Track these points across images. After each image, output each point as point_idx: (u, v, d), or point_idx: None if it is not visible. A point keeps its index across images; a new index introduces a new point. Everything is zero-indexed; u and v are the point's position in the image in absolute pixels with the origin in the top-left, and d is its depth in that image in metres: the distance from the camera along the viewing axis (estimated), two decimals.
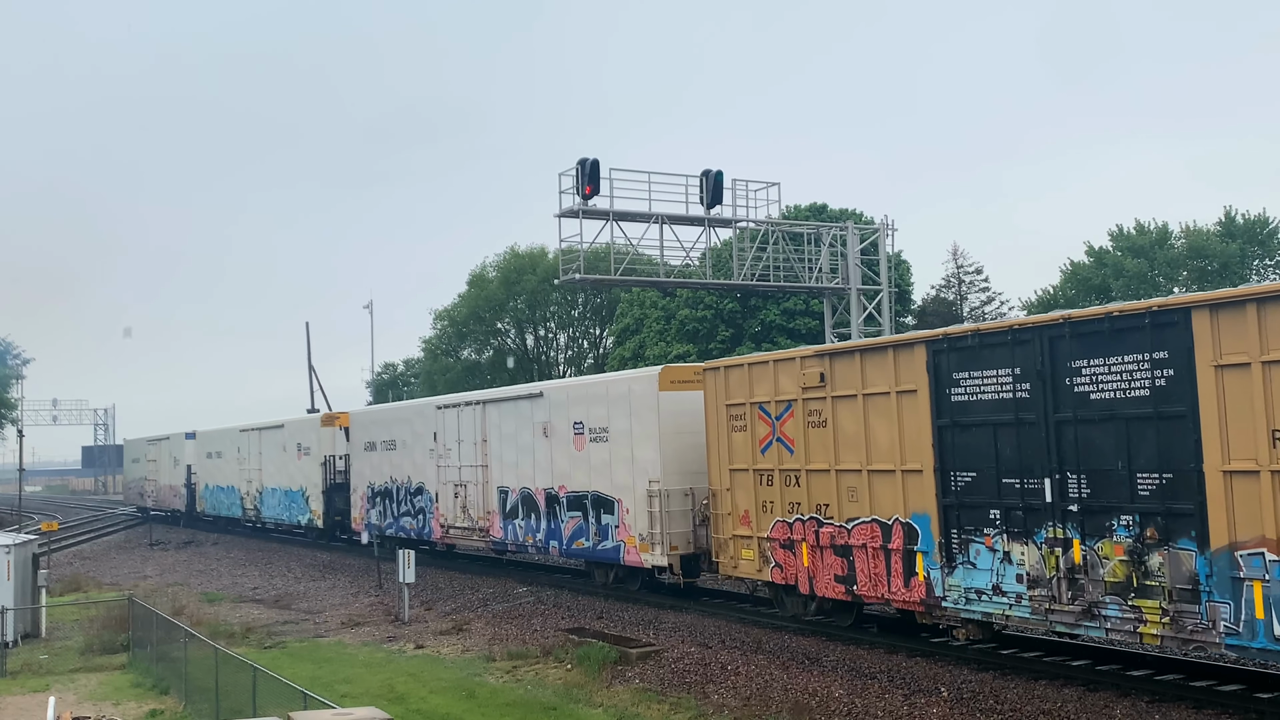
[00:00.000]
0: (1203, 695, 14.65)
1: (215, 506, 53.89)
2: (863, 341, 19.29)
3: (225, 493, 52.41)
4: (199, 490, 56.42)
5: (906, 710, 15.30)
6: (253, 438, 49.10)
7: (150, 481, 66.19)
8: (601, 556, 25.42)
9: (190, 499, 57.85)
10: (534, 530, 27.72)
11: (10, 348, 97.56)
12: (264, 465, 47.48)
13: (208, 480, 55.11)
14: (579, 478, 25.90)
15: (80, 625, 26.37)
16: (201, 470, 56.25)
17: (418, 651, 22.27)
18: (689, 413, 22.87)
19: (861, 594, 18.45)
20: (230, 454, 51.67)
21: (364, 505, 37.49)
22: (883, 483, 17.99)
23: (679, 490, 23.10)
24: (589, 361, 67.56)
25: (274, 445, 46.31)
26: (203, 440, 56.63)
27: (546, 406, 27.34)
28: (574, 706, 17.17)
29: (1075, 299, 49.96)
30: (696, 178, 30.72)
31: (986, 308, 58.84)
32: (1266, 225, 51.26)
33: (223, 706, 15.77)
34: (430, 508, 32.93)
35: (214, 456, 54.21)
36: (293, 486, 44.09)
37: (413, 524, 34.15)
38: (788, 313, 47.46)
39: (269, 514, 47.02)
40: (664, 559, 23.13)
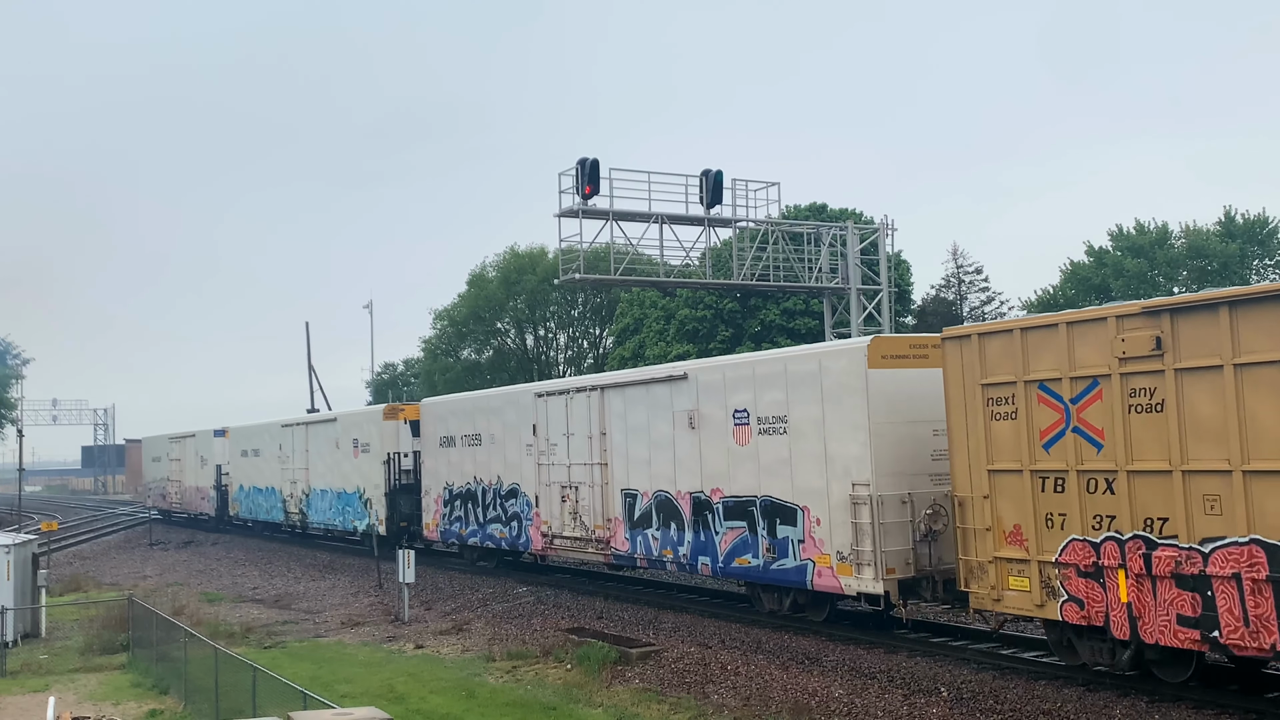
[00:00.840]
0: (1202, 695, 14.64)
1: (252, 510, 49.02)
2: (1230, 291, 13.86)
3: (264, 495, 47.45)
4: (232, 492, 51.50)
5: (906, 710, 15.30)
6: (297, 434, 44.04)
7: (173, 483, 61.11)
8: (777, 578, 20.46)
9: (221, 502, 52.88)
10: (674, 543, 22.83)
11: (10, 348, 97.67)
12: (312, 464, 42.37)
13: (242, 481, 50.13)
14: (742, 479, 21.13)
15: (80, 625, 26.37)
16: (235, 470, 51.18)
17: (418, 651, 22.26)
18: (907, 396, 18.47)
19: (1231, 643, 13.44)
20: (269, 452, 46.81)
21: (439, 510, 32.90)
22: (1269, 488, 13.16)
23: (894, 496, 18.23)
24: (589, 361, 67.52)
25: (324, 442, 41.30)
26: (236, 437, 51.49)
27: (692, 391, 22.56)
28: (574, 706, 17.17)
29: (1075, 299, 49.94)
30: (696, 177, 30.71)
31: (986, 308, 58.84)
32: (1266, 225, 51.22)
33: (223, 706, 15.77)
34: (527, 513, 28.28)
35: (250, 455, 49.30)
36: (347, 488, 39.05)
37: (504, 532, 29.51)
38: (788, 313, 47.43)
39: (318, 519, 42.05)
40: (877, 584, 18.19)
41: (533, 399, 28.25)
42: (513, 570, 31.31)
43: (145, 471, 70.95)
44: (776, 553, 20.33)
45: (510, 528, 29.21)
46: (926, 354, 18.52)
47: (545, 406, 27.64)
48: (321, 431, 41.96)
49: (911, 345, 19.04)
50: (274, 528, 48.40)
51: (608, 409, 25.24)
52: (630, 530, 24.41)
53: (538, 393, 28.22)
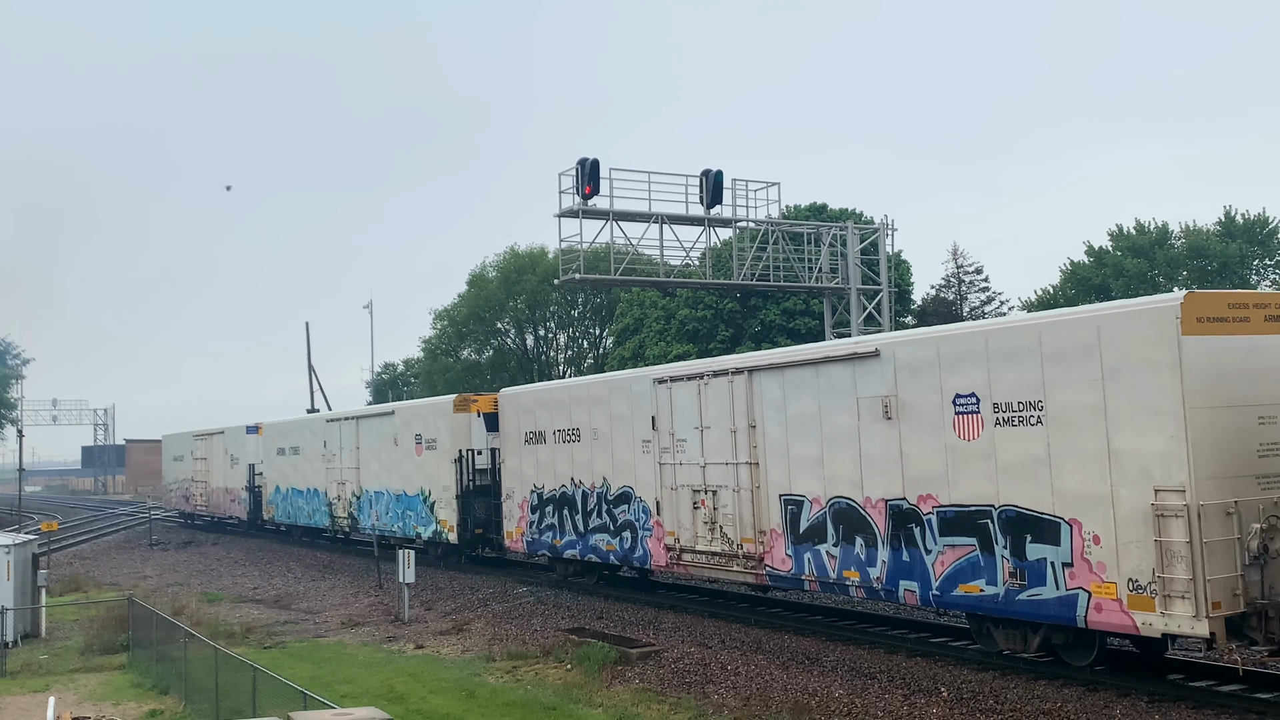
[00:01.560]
0: (1203, 695, 14.65)
1: (290, 514, 44.76)
2: None
3: (305, 498, 42.91)
4: (266, 494, 47.25)
5: (906, 710, 15.30)
6: (346, 429, 39.53)
7: (198, 483, 57.02)
8: (1027, 612, 15.99)
9: (254, 505, 48.81)
10: (861, 562, 18.63)
11: (10, 348, 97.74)
12: (364, 463, 37.96)
13: (279, 482, 45.79)
14: (970, 484, 16.72)
15: (80, 625, 26.37)
16: (271, 470, 46.80)
17: (418, 651, 22.26)
18: (1227, 372, 14.37)
19: None
20: (312, 449, 42.27)
21: (524, 516, 28.61)
22: None
23: (1217, 506, 13.93)
24: (589, 361, 67.57)
25: (379, 438, 36.74)
26: (272, 434, 47.00)
27: (887, 371, 18.22)
28: (574, 706, 17.17)
29: (1075, 299, 49.95)
30: (696, 177, 30.73)
31: (986, 308, 58.85)
32: (1266, 225, 51.23)
33: (223, 706, 15.77)
34: (644, 522, 24.07)
35: (288, 453, 44.79)
36: (408, 489, 34.54)
37: (611, 544, 25.17)
38: (788, 312, 47.46)
39: (371, 524, 37.07)
40: (1197, 623, 13.78)
41: (650, 386, 23.75)
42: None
43: (165, 471, 66.02)
44: (1026, 579, 15.90)
45: (621, 539, 24.82)
46: (1248, 317, 14.68)
47: (669, 395, 23.20)
48: (375, 426, 37.36)
49: (1231, 305, 14.75)
50: (315, 533, 44.16)
51: (759, 395, 20.88)
52: (793, 545, 19.96)
53: (658, 378, 23.65)
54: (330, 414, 42.22)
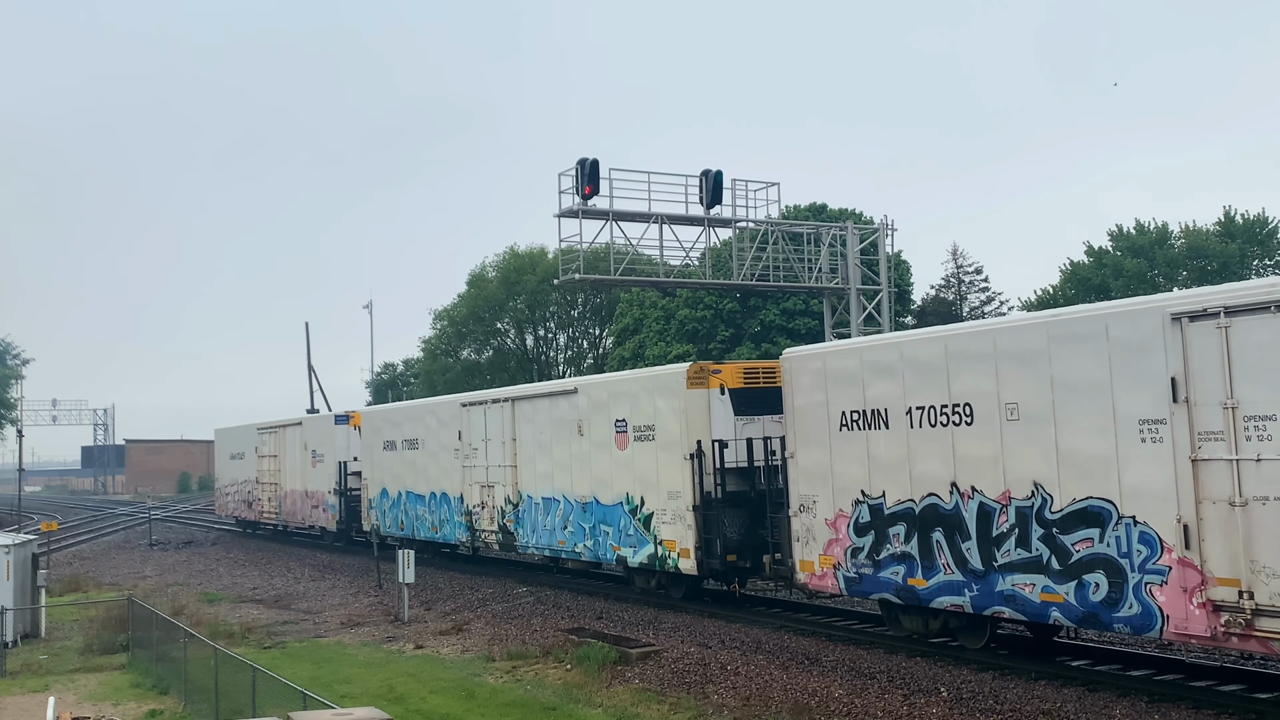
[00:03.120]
0: (1203, 695, 14.64)
1: (405, 524, 35.47)
2: None
3: (427, 504, 34.12)
4: (367, 499, 38.28)
5: (906, 710, 15.30)
6: (495, 416, 30.10)
7: (264, 485, 48.37)
8: None
9: (346, 512, 40.46)
10: None
11: (10, 348, 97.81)
12: (525, 460, 28.71)
13: (387, 483, 36.79)
14: None
15: (80, 625, 26.37)
16: (375, 469, 37.80)
17: (417, 651, 22.26)
18: None
19: None
20: (438, 442, 33.33)
21: (841, 539, 19.23)
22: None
23: None
24: (589, 361, 67.59)
25: (552, 425, 27.49)
26: (375, 423, 38.32)
27: None
28: (574, 707, 17.16)
29: (1075, 299, 49.95)
30: (696, 178, 30.73)
31: (986, 308, 58.87)
32: (1266, 225, 51.24)
33: (222, 706, 15.77)
34: (1148, 558, 14.42)
35: (400, 447, 36.03)
36: (603, 496, 25.51)
37: (1056, 591, 15.60)
38: (787, 313, 47.47)
39: (538, 540, 27.99)
40: None
41: (1163, 324, 14.12)
42: (512, 569, 29.20)
43: (219, 472, 57.53)
44: None
45: (1080, 585, 15.25)
46: None
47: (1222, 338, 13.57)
48: (545, 411, 27.91)
49: None
50: (442, 550, 35.21)
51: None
52: None
53: (1179, 313, 14.00)
54: (470, 396, 32.92)
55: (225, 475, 56.07)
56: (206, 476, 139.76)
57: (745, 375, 23.40)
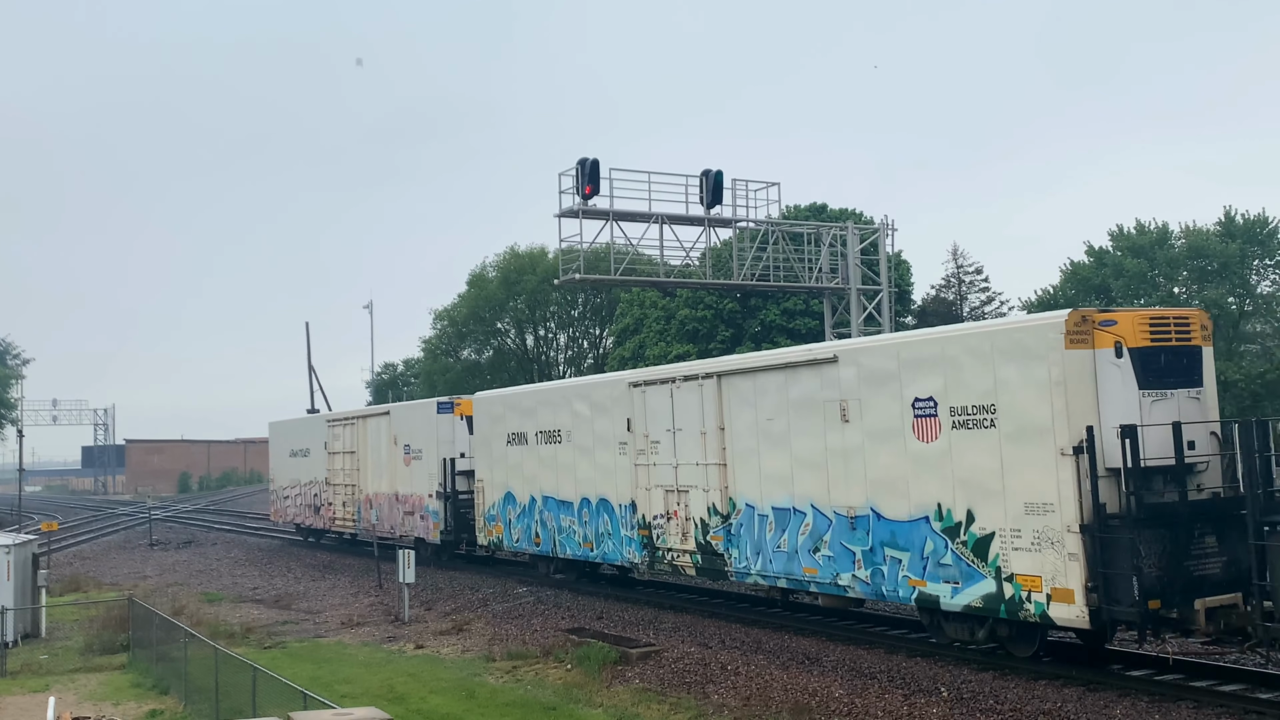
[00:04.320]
0: (1202, 695, 14.64)
1: (545, 537, 27.74)
2: None
3: (575, 513, 26.53)
4: (484, 506, 30.70)
5: (906, 710, 15.30)
6: (687, 397, 22.63)
7: (338, 488, 40.47)
8: None
9: (455, 521, 32.78)
10: None
11: (10, 348, 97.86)
12: (741, 455, 21.29)
13: (515, 486, 29.10)
14: None
15: (80, 625, 26.38)
16: (497, 467, 30.03)
17: (418, 651, 22.27)
18: None
19: None
20: (592, 435, 25.93)
21: None
22: None
23: None
24: (589, 361, 67.60)
25: (789, 410, 20.03)
26: (496, 410, 30.23)
27: None
28: (574, 707, 17.17)
29: (1075, 299, 49.94)
30: (696, 178, 30.72)
31: (986, 308, 58.87)
32: (1266, 225, 51.22)
33: (223, 706, 15.77)
34: None
35: (536, 441, 28.14)
36: (890, 509, 18.10)
37: None
38: (788, 313, 47.45)
39: (765, 566, 20.57)
40: None
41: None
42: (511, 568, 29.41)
43: (274, 472, 49.29)
44: None
45: None
46: None
47: None
48: (778, 387, 20.28)
49: None
50: (599, 571, 28.10)
51: None
52: None
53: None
54: (645, 374, 24.88)
55: (283, 475, 47.38)
56: (206, 476, 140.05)
57: (1152, 329, 15.90)
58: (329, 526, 41.80)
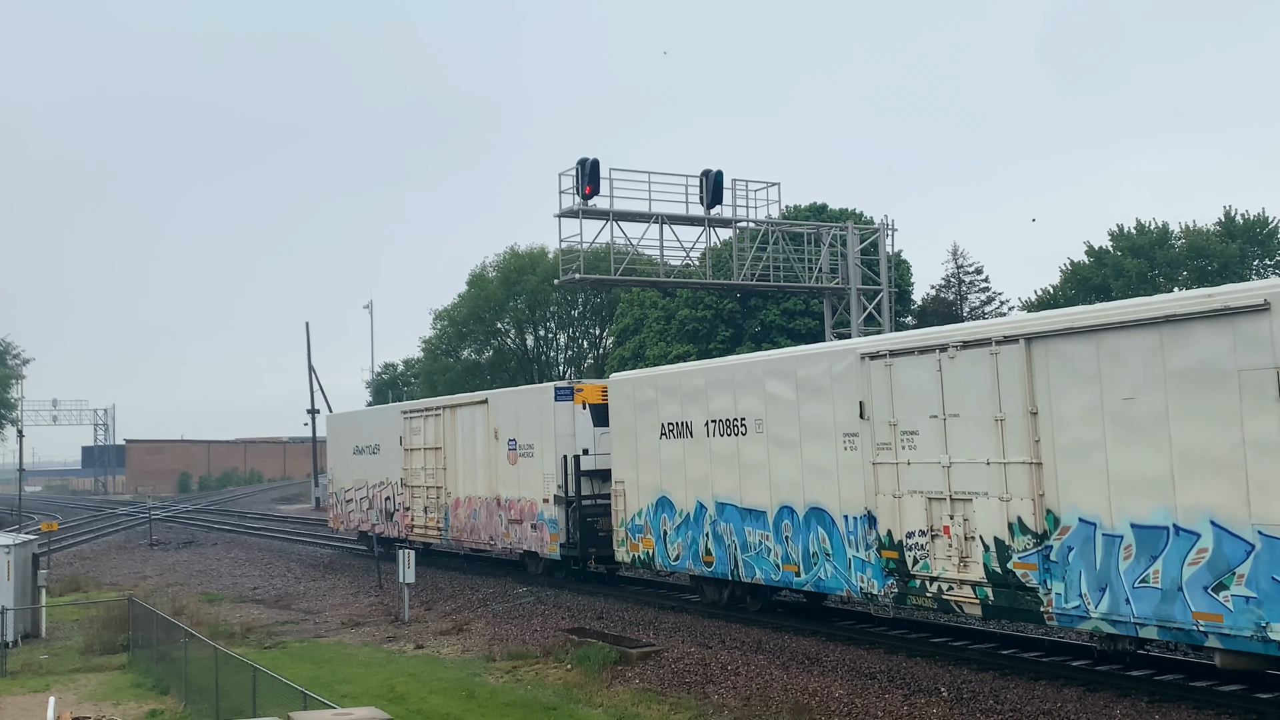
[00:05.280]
0: (1203, 695, 14.64)
1: (719, 554, 21.98)
2: None
3: (769, 524, 20.69)
4: (628, 514, 24.59)
5: (906, 710, 15.30)
6: (962, 370, 16.80)
7: (420, 490, 34.42)
8: None
9: (581, 531, 27.15)
10: None
11: (10, 348, 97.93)
12: (1079, 446, 15.20)
13: (672, 489, 23.27)
14: None
15: (80, 625, 26.39)
16: (644, 466, 24.11)
17: (418, 651, 22.27)
18: None
19: None
20: (795, 424, 20.08)
21: None
22: None
23: None
24: (589, 361, 67.64)
25: (1200, 384, 13.73)
26: (643, 393, 24.31)
27: None
28: (574, 707, 17.17)
29: (1075, 299, 49.97)
30: (696, 178, 30.76)
31: (987, 308, 58.92)
32: (1266, 225, 51.27)
33: (223, 706, 15.77)
34: None
35: (698, 432, 22.46)
36: None
37: None
38: (788, 313, 47.50)
39: (1132, 608, 14.50)
40: None
41: None
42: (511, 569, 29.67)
43: (333, 471, 42.48)
44: None
45: None
46: None
47: None
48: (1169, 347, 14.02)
49: None
50: (798, 599, 23.12)
51: None
52: None
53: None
54: (879, 342, 19.08)
55: (344, 475, 40.96)
56: (206, 476, 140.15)
57: None
58: (405, 535, 35.54)
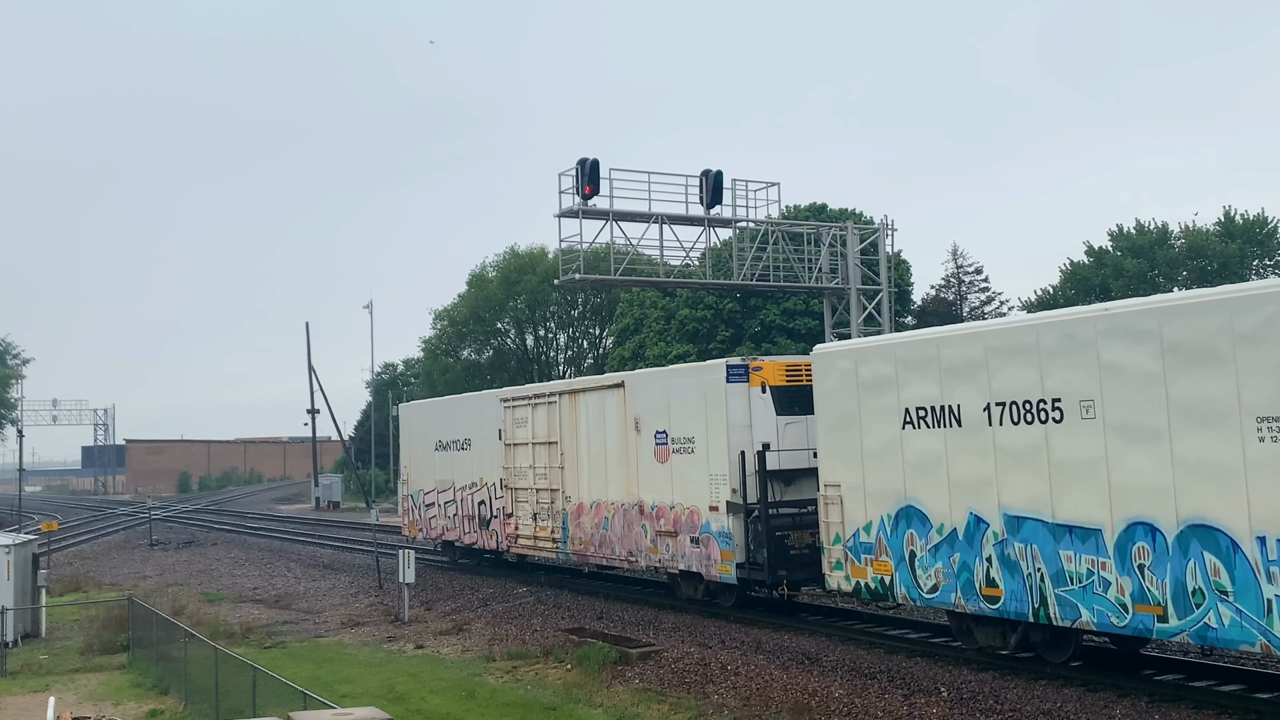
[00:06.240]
0: (1203, 695, 14.65)
1: (1012, 585, 16.20)
2: None
3: (1101, 547, 14.99)
4: (848, 527, 18.98)
5: (906, 710, 15.30)
6: None
7: (524, 493, 29.19)
8: None
9: (772, 550, 21.11)
10: None
11: (10, 348, 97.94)
12: None
13: (920, 495, 17.70)
14: None
15: (80, 625, 26.38)
16: (874, 465, 18.56)
17: (418, 651, 22.27)
18: None
19: None
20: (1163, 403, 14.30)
21: None
22: None
23: None
24: (589, 361, 67.64)
25: None
26: (865, 372, 18.79)
27: None
28: (574, 707, 17.17)
29: (1075, 299, 49.96)
30: (696, 178, 30.72)
31: (986, 308, 58.93)
32: (1266, 225, 51.26)
33: (223, 706, 15.77)
34: None
35: (966, 422, 16.98)
36: None
37: None
38: (788, 313, 47.49)
39: None
40: None
41: None
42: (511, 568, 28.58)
43: (409, 471, 36.68)
44: None
45: None
46: None
47: None
48: None
49: None
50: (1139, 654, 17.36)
51: None
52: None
53: None
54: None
55: (422, 476, 35.44)
56: (206, 476, 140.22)
57: None
58: (508, 546, 30.14)
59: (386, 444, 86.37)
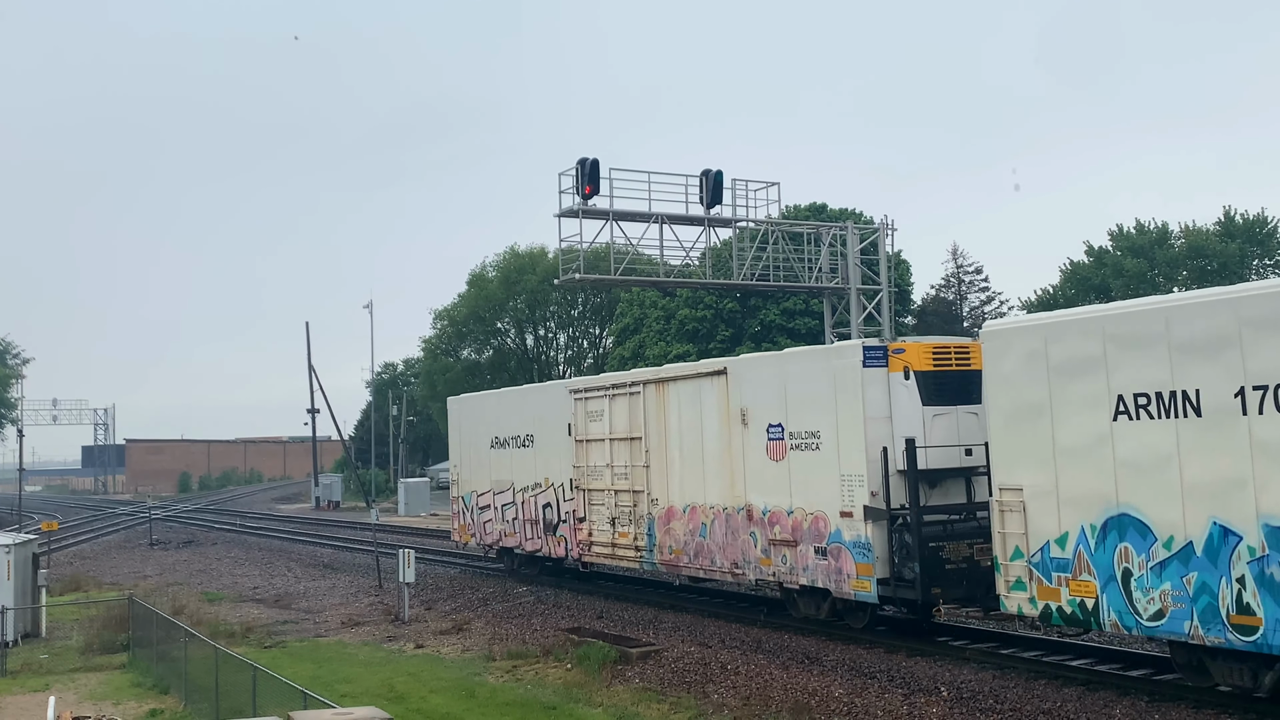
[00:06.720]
0: (1202, 695, 14.64)
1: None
2: None
3: None
4: (1033, 538, 15.65)
5: (906, 710, 15.30)
6: None
7: (601, 495, 26.16)
8: None
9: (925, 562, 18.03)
10: None
11: (10, 347, 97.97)
12: None
13: (1139, 501, 14.41)
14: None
15: (80, 625, 26.36)
16: (1071, 464, 15.22)
17: (418, 651, 22.27)
18: None
19: None
20: None
21: None
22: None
23: None
24: (589, 361, 67.65)
25: None
26: (1061, 352, 15.28)
27: None
28: (574, 706, 17.17)
29: (1075, 299, 49.98)
30: (696, 177, 30.71)
31: (986, 308, 58.97)
32: (1265, 225, 51.29)
33: (223, 706, 15.77)
34: None
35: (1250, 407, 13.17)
36: None
37: None
38: (787, 312, 47.51)
39: None
40: None
41: None
42: None
43: (460, 471, 33.31)
44: None
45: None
46: None
47: None
48: None
49: None
50: None
51: None
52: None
53: None
54: None
55: (476, 476, 32.08)
56: (206, 476, 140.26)
57: None
58: (579, 554, 26.97)
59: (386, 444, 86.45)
